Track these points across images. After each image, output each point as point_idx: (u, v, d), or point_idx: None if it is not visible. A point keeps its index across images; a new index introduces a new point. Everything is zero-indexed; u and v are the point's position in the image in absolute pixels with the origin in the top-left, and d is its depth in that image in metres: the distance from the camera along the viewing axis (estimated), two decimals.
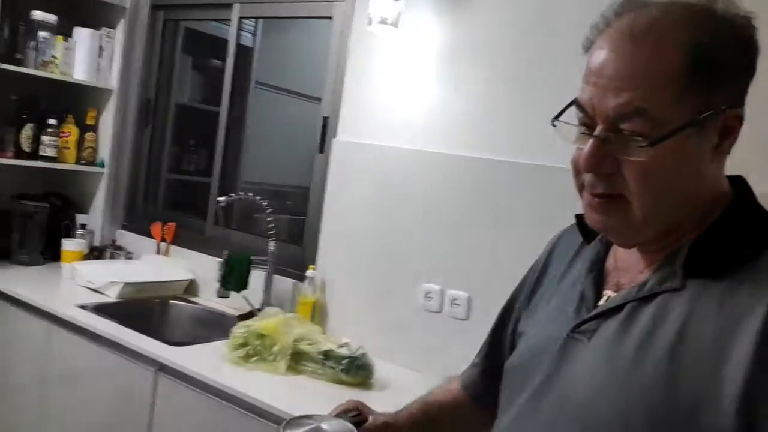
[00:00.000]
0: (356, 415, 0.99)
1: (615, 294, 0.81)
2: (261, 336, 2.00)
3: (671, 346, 0.71)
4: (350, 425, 0.94)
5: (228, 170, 2.94)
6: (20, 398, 2.43)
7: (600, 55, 0.75)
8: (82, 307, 2.36)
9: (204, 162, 3.26)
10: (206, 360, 1.99)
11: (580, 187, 0.80)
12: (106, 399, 2.16)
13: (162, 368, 2.00)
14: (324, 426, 0.93)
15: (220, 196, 2.75)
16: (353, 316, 2.30)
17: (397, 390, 1.97)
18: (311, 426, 0.92)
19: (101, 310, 2.36)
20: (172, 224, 2.89)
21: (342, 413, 1.01)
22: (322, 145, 2.45)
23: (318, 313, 2.36)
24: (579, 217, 0.92)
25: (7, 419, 2.49)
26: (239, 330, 2.01)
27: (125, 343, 2.08)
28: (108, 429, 2.15)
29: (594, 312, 0.81)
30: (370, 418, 1.00)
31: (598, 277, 0.85)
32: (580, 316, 0.82)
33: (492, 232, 2.01)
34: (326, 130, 2.44)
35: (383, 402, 1.87)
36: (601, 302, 0.82)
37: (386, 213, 2.24)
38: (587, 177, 0.77)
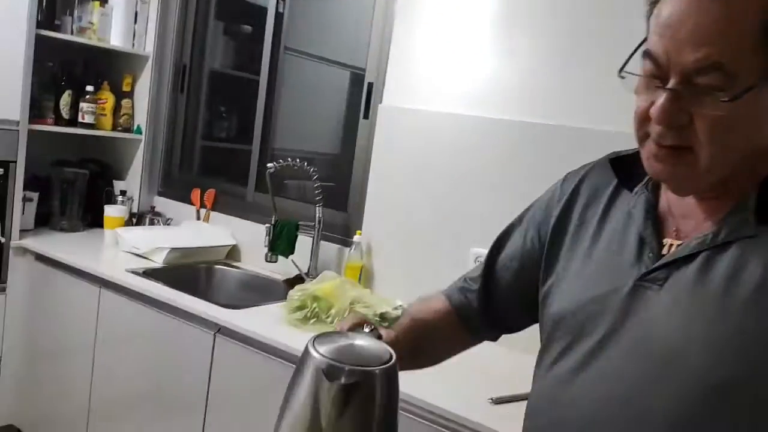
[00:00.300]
0: (372, 329, 0.94)
1: (679, 242, 0.83)
2: (317, 299, 2.03)
3: (756, 289, 0.74)
4: (383, 343, 0.87)
5: (264, 137, 2.95)
6: (75, 361, 2.48)
7: (675, 7, 0.75)
8: (132, 272, 2.40)
9: (235, 129, 3.27)
10: (264, 322, 2.03)
11: (643, 137, 0.81)
12: (163, 361, 2.21)
13: (220, 330, 2.05)
14: (358, 342, 0.85)
15: (260, 163, 2.78)
16: (401, 281, 2.34)
17: None
18: (345, 343, 0.83)
19: (150, 274, 2.40)
20: (212, 190, 2.91)
21: (356, 327, 0.94)
22: (367, 111, 2.46)
23: (365, 278, 2.40)
24: (614, 162, 0.94)
25: (63, 381, 2.55)
26: (296, 293, 2.05)
27: (183, 307, 2.12)
28: (166, 390, 2.20)
29: (664, 260, 0.82)
30: (383, 332, 0.96)
31: (657, 224, 0.86)
32: (643, 263, 0.83)
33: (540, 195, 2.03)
34: (371, 95, 2.44)
35: (436, 366, 1.93)
36: (665, 250, 0.83)
37: (433, 178, 2.26)
38: (655, 128, 0.78)
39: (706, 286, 0.77)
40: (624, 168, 0.93)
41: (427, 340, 1.06)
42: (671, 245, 0.84)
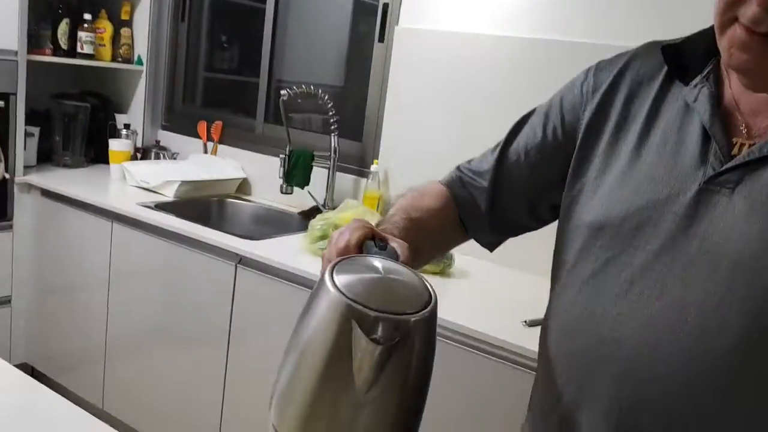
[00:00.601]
0: (383, 245, 0.78)
1: (750, 141, 0.76)
2: (338, 228, 1.99)
3: None
4: (415, 273, 0.71)
5: (270, 68, 2.84)
6: (89, 297, 2.44)
7: None
8: (144, 205, 2.34)
9: (237, 59, 3.16)
10: (286, 252, 2.00)
11: (727, 22, 0.73)
12: (182, 294, 2.18)
13: (241, 261, 2.01)
14: (387, 272, 0.68)
15: (267, 94, 2.70)
16: None
17: (476, 279, 2.00)
18: (374, 277, 0.67)
19: (163, 208, 2.34)
20: (219, 122, 2.82)
21: (365, 240, 0.78)
22: (382, 34, 2.36)
23: (383, 208, 2.35)
24: (666, 51, 0.85)
25: (78, 318, 2.52)
26: (318, 222, 2.01)
27: (202, 238, 2.07)
28: (187, 323, 2.17)
29: (737, 161, 0.74)
30: (395, 245, 0.79)
31: (723, 121, 0.78)
32: (709, 164, 0.76)
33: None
34: (386, 17, 2.35)
35: (463, 289, 1.91)
36: (734, 150, 0.76)
37: (453, 102, 2.19)
38: (750, 11, 0.69)
39: None
40: (672, 58, 0.84)
41: (422, 242, 0.90)
42: (741, 145, 0.77)
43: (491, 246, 1.04)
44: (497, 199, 0.97)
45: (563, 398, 0.84)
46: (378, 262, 0.70)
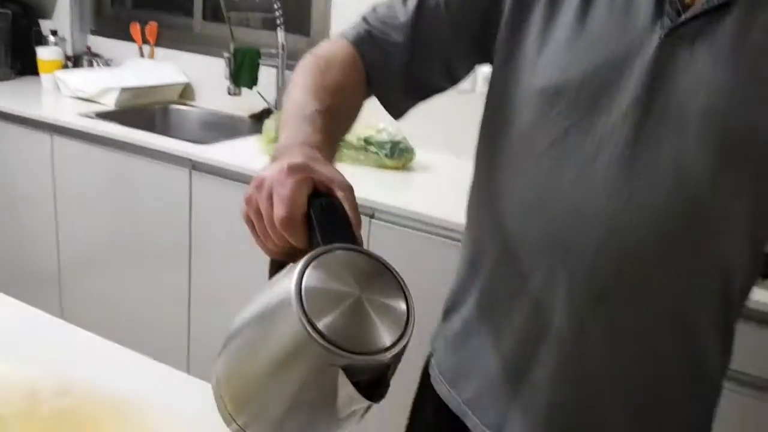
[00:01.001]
0: (328, 201, 0.62)
1: None
2: None
3: None
4: (394, 272, 0.58)
5: None
6: (35, 216, 2.34)
7: None
8: (85, 116, 2.21)
9: None
10: (240, 155, 1.94)
11: None
12: (135, 205, 2.11)
13: (195, 167, 1.94)
14: (365, 291, 0.55)
15: None
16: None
17: (438, 171, 1.99)
18: (351, 302, 0.54)
19: (105, 117, 2.22)
20: (153, 24, 2.65)
21: (310, 198, 0.60)
22: None
23: None
24: None
25: (25, 239, 2.42)
26: (273, 123, 1.95)
27: (151, 146, 1.99)
28: (144, 235, 2.12)
29: (695, 11, 0.70)
30: (339, 195, 0.62)
31: None
32: (666, 15, 0.72)
33: None
34: None
35: (426, 182, 1.90)
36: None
37: None
38: None
39: (750, 39, 0.69)
40: None
41: (339, 132, 0.81)
42: None
43: (400, 114, 0.93)
44: (414, 58, 0.87)
45: (535, 275, 0.81)
46: (347, 266, 0.57)
